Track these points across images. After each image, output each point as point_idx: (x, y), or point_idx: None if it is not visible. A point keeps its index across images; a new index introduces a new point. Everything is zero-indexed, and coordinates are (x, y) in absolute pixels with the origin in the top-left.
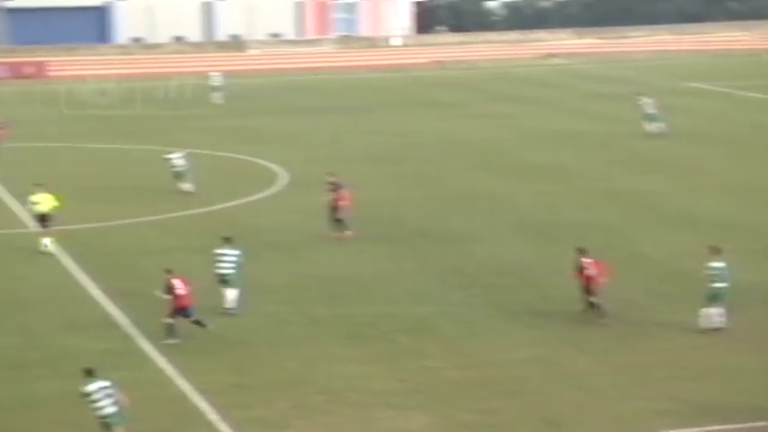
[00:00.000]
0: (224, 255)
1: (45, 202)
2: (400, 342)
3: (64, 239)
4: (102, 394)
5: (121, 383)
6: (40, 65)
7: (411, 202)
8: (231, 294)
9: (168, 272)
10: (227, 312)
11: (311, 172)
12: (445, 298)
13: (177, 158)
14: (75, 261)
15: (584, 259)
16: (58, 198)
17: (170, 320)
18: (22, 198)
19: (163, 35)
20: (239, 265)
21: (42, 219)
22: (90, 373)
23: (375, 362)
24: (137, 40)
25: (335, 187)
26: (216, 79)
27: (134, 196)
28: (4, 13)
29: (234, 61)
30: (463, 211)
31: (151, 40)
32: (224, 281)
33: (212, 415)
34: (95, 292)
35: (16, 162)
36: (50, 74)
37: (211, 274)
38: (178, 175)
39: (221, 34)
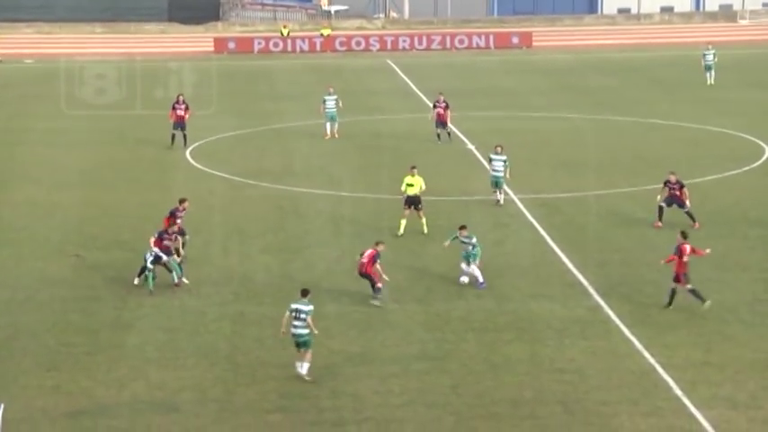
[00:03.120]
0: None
1: (416, 184)
2: None
3: (539, 207)
4: (297, 315)
5: (587, 351)
6: (526, 35)
7: None
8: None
9: None
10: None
11: None
12: None
13: None
14: (548, 229)
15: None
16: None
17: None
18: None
19: (651, 6)
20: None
21: (410, 201)
22: (304, 294)
23: None
24: (623, 10)
25: None
26: (708, 57)
27: (610, 168)
28: None
29: (724, 32)
30: None
31: (638, 11)
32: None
33: (678, 390)
34: (566, 260)
35: (494, 131)
36: (535, 44)
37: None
38: None
39: (712, 4)
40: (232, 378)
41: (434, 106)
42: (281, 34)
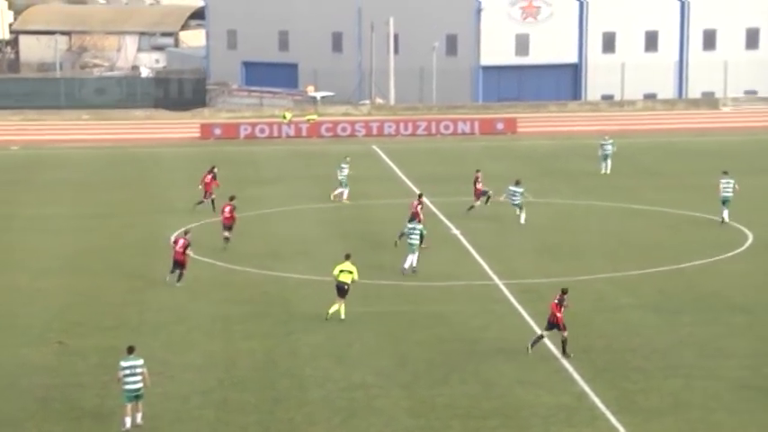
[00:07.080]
0: (413, 228)
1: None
2: None
3: (523, 292)
4: (131, 371)
5: None
6: (510, 121)
7: None
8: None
9: None
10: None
11: None
12: None
13: None
14: (532, 314)
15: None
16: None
17: None
18: (485, 251)
19: (634, 92)
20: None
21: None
22: (131, 350)
23: None
24: (607, 97)
25: None
26: (607, 147)
27: (594, 253)
28: (479, 71)
29: (706, 119)
30: None
31: (621, 98)
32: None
33: None
34: (552, 346)
35: (481, 217)
36: (520, 130)
37: None
38: None
39: (694, 92)
40: None
41: None
42: (284, 118)
